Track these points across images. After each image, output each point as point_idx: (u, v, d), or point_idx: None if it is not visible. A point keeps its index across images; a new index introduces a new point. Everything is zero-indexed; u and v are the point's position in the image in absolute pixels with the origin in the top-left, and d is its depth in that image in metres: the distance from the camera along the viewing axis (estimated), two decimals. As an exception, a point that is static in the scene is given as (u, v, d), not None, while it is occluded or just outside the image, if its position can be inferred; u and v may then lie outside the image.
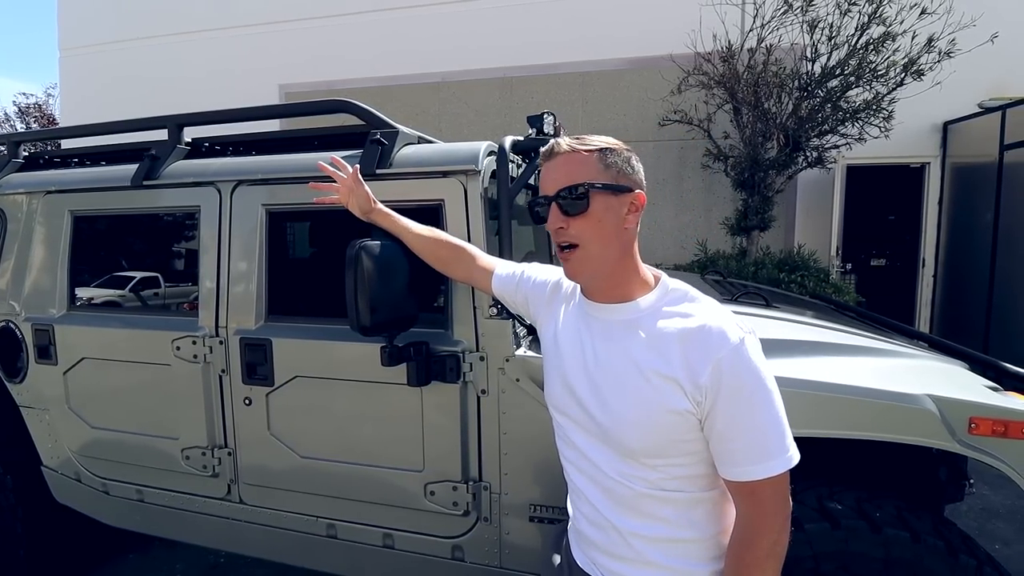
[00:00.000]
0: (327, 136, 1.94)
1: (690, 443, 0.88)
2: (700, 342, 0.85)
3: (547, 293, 1.10)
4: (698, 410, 0.85)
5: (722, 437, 0.84)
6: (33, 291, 2.09)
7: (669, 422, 0.86)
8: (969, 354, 1.83)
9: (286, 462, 1.77)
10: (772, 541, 0.85)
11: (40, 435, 2.15)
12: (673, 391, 0.85)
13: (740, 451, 0.84)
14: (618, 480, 0.92)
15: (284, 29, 6.96)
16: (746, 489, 0.85)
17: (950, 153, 5.38)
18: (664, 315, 0.90)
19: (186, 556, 2.65)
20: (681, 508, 0.90)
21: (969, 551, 1.30)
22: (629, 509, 0.92)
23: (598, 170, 0.89)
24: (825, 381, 1.37)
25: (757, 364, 0.84)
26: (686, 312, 0.89)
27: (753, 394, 0.83)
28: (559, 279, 1.10)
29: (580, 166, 0.89)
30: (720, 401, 0.83)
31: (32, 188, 2.11)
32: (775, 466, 0.83)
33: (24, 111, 13.77)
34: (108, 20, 7.69)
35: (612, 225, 0.89)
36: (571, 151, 0.90)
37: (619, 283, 0.93)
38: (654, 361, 0.87)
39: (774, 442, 0.83)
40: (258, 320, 1.77)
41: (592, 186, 0.88)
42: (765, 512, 0.85)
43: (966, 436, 1.32)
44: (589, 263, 0.91)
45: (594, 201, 0.88)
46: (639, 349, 0.89)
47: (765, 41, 4.57)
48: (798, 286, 4.28)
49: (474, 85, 6.35)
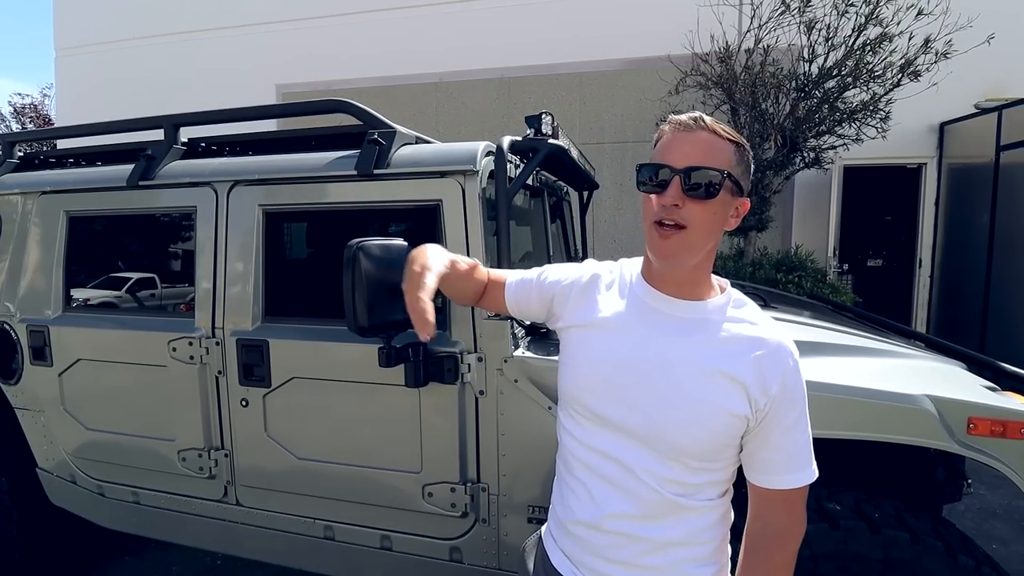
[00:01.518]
0: (324, 136, 1.93)
1: (732, 448, 0.89)
2: (773, 353, 0.86)
3: (580, 286, 1.01)
4: (754, 417, 0.86)
5: (773, 447, 0.87)
6: (28, 292, 2.07)
7: (725, 424, 0.85)
8: (967, 354, 1.83)
9: (283, 464, 1.76)
10: (797, 546, 0.90)
11: (35, 437, 2.14)
12: (736, 393, 0.85)
13: (784, 460, 0.87)
14: (645, 481, 0.88)
15: (281, 29, 6.95)
16: (781, 496, 0.88)
17: (947, 154, 5.40)
18: (732, 319, 0.89)
19: (182, 558, 2.63)
20: (699, 514, 0.90)
21: (968, 551, 1.31)
22: (652, 515, 0.89)
23: (731, 162, 0.85)
24: (823, 382, 1.37)
25: (804, 381, 0.89)
26: (753, 320, 0.90)
27: (804, 408, 0.88)
28: (591, 271, 1.02)
29: (720, 152, 0.84)
30: (780, 412, 0.86)
31: (27, 188, 2.10)
32: (809, 475, 0.88)
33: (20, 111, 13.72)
34: (104, 20, 7.66)
35: (720, 220, 0.86)
36: (714, 132, 0.85)
37: (697, 280, 0.90)
38: (722, 361, 0.85)
39: (809, 453, 0.89)
40: (255, 321, 1.76)
41: (730, 176, 0.84)
42: (797, 518, 0.89)
43: (965, 436, 1.32)
44: (690, 249, 0.85)
45: (722, 191, 0.84)
46: (707, 348, 0.87)
47: (762, 42, 4.58)
48: (795, 286, 4.29)
49: (472, 85, 6.35)
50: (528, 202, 2.29)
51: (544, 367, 1.51)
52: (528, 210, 2.31)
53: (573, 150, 2.18)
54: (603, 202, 5.92)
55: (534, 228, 2.39)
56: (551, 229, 2.50)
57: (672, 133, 0.87)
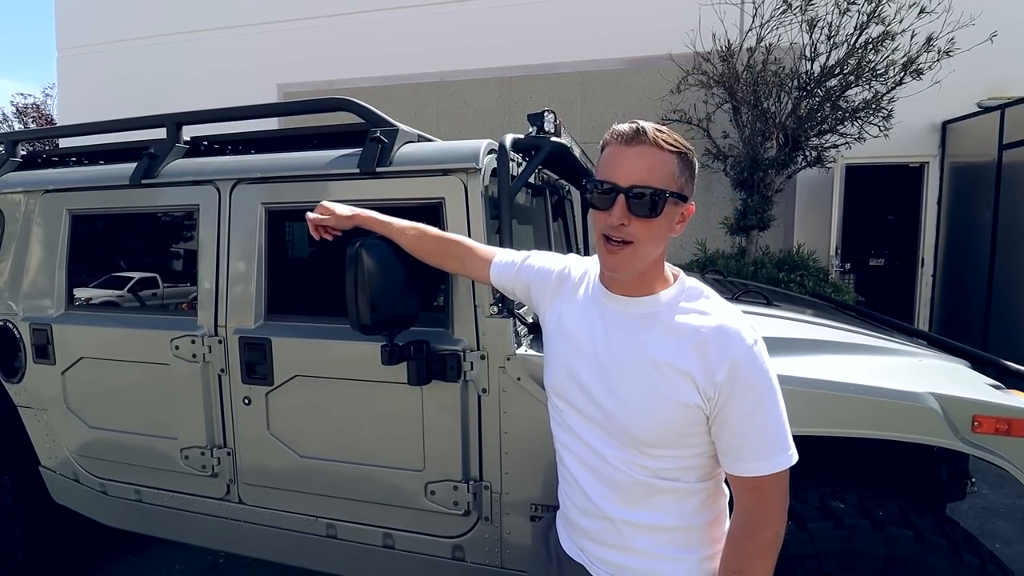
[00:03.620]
0: (327, 135, 1.93)
1: (693, 436, 0.90)
2: (718, 340, 0.86)
3: (552, 280, 1.09)
4: (707, 406, 0.87)
5: (733, 434, 0.87)
6: (31, 290, 2.07)
7: (677, 415, 0.88)
8: (970, 352, 1.82)
9: (286, 462, 1.76)
10: (774, 533, 0.88)
11: (38, 435, 2.14)
12: (685, 385, 0.87)
13: (749, 447, 0.86)
14: (617, 467, 0.93)
15: (283, 29, 6.95)
16: (751, 484, 0.88)
17: (949, 152, 5.39)
18: (682, 311, 0.91)
19: (185, 556, 2.64)
20: (675, 497, 0.92)
21: (972, 550, 1.30)
22: (623, 497, 0.94)
23: (674, 174, 0.86)
24: (827, 379, 1.36)
25: (768, 365, 0.87)
26: (703, 310, 0.90)
27: (764, 394, 0.86)
28: (565, 267, 1.10)
29: (661, 167, 0.85)
30: (734, 399, 0.85)
31: (30, 187, 2.10)
32: (780, 462, 0.86)
33: (22, 111, 13.74)
34: (106, 20, 7.67)
35: (666, 231, 0.89)
36: (655, 145, 0.85)
37: (646, 280, 0.93)
38: (669, 354, 0.88)
39: (779, 439, 0.87)
40: (257, 319, 1.76)
41: (671, 194, 0.85)
42: (769, 505, 0.88)
43: (969, 434, 1.32)
44: (636, 261, 0.89)
45: (666, 208, 0.86)
46: (654, 341, 0.90)
47: (764, 40, 4.58)
48: (797, 286, 4.29)
49: (473, 85, 6.35)
50: (530, 200, 2.29)
51: (547, 365, 1.51)
52: (530, 208, 2.30)
53: (575, 148, 2.17)
54: (605, 201, 5.91)
55: (536, 226, 2.38)
56: (553, 227, 2.50)
57: (615, 146, 0.88)
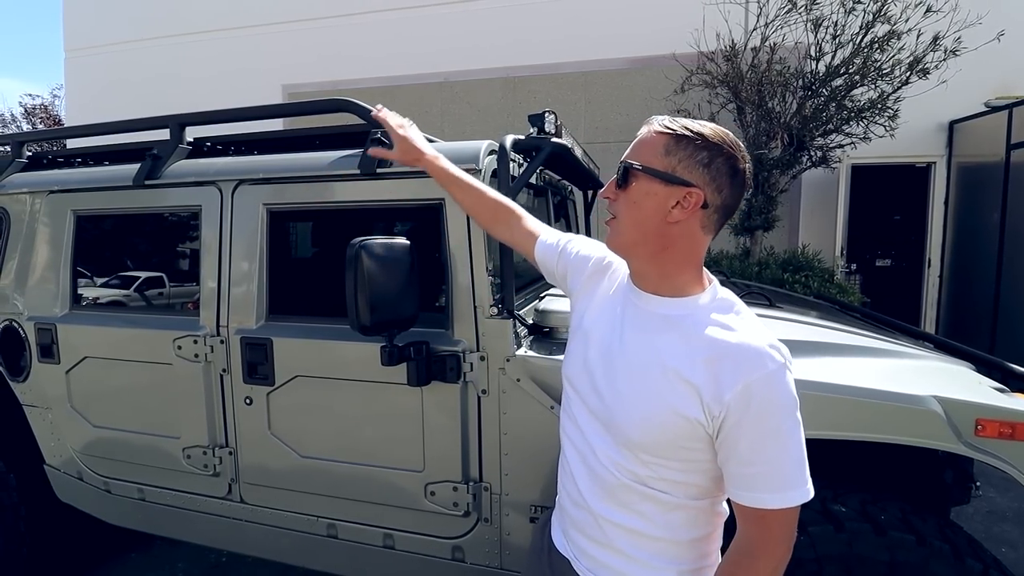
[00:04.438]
0: (328, 135, 1.94)
1: (691, 451, 0.86)
2: (734, 359, 0.82)
3: (589, 267, 1.09)
4: (710, 424, 0.83)
5: (742, 460, 0.82)
6: (36, 290, 2.09)
7: (674, 424, 0.84)
8: (975, 355, 1.81)
9: (287, 462, 1.77)
10: (772, 568, 0.84)
11: (43, 434, 2.16)
12: (688, 396, 0.83)
13: (758, 477, 0.81)
14: (606, 466, 0.92)
15: (287, 30, 6.98)
16: (756, 514, 0.83)
17: (956, 152, 5.35)
18: (706, 321, 0.86)
19: (188, 555, 2.65)
20: (661, 508, 0.90)
21: (975, 555, 1.29)
22: (609, 495, 0.93)
23: (656, 154, 0.86)
24: (829, 382, 1.35)
25: (790, 394, 0.82)
26: (728, 324, 0.86)
27: (782, 423, 0.81)
28: (603, 257, 1.09)
29: (644, 145, 0.88)
30: (745, 424, 0.80)
31: (35, 188, 2.12)
32: (792, 497, 0.81)
33: (30, 112, 13.86)
34: (113, 21, 7.72)
35: (650, 212, 0.86)
36: (648, 129, 0.89)
37: (665, 276, 0.90)
38: (679, 362, 0.85)
39: (793, 474, 0.82)
40: (259, 319, 1.77)
41: (632, 166, 0.87)
42: (771, 539, 0.83)
43: (972, 438, 1.30)
44: (618, 239, 0.92)
45: (635, 182, 0.87)
46: (668, 346, 0.87)
47: (769, 40, 4.55)
48: (802, 286, 4.26)
49: (477, 85, 6.35)
50: (532, 201, 2.29)
51: (546, 366, 1.51)
52: (532, 209, 2.29)
53: (576, 149, 2.17)
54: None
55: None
56: (555, 228, 2.49)
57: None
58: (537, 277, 2.27)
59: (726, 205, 0.87)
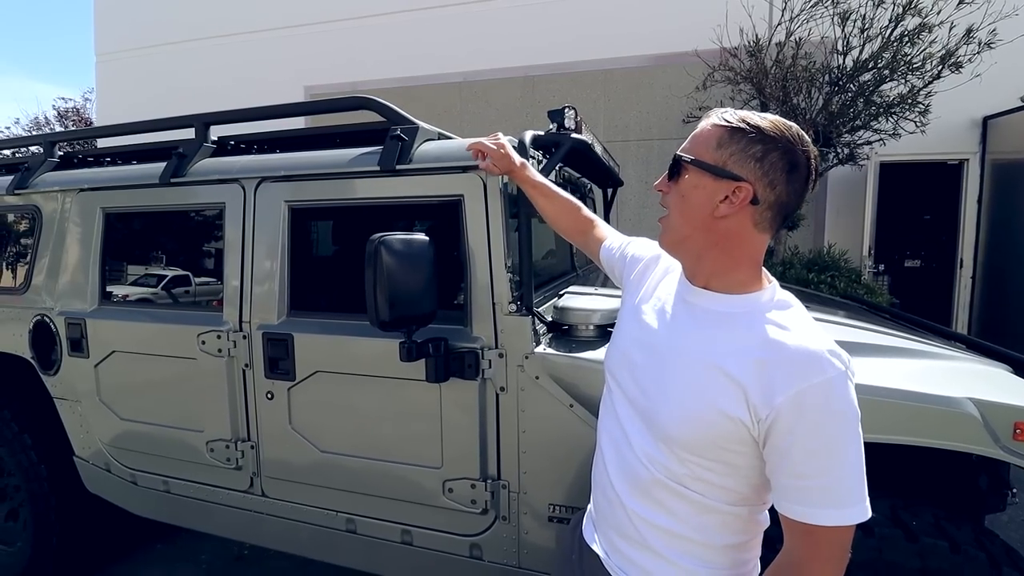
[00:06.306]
0: (348, 133, 1.95)
1: (733, 455, 0.82)
2: (790, 362, 0.77)
3: (640, 266, 1.10)
4: (755, 427, 0.78)
5: (794, 472, 0.77)
6: (66, 286, 2.15)
7: (715, 422, 0.81)
8: (1011, 356, 1.74)
9: (307, 456, 1.78)
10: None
11: (72, 426, 2.22)
12: (733, 394, 0.79)
13: (811, 491, 0.76)
14: (642, 460, 0.90)
15: (309, 32, 7.08)
16: (803, 529, 0.77)
17: (990, 149, 5.17)
18: (761, 320, 0.82)
19: (211, 547, 2.70)
20: (694, 509, 0.87)
21: (1013, 564, 1.24)
22: (641, 491, 0.91)
23: (709, 147, 0.84)
24: (859, 383, 1.31)
25: (850, 404, 0.77)
26: (786, 325, 0.81)
27: (840, 434, 0.76)
28: (656, 255, 1.09)
29: (699, 138, 0.87)
30: (797, 433, 0.75)
31: (66, 186, 2.18)
32: (848, 515, 0.75)
33: (63, 115, 14.29)
34: (142, 26, 7.94)
35: (699, 206, 0.84)
36: (706, 122, 0.88)
37: (717, 272, 0.87)
38: (727, 359, 0.81)
39: (847, 491, 0.76)
40: (280, 315, 1.79)
41: (682, 159, 0.86)
42: (819, 557, 0.77)
43: (1010, 442, 1.25)
44: (668, 234, 0.91)
45: (686, 175, 0.86)
46: (718, 342, 0.84)
47: (794, 35, 4.46)
48: (828, 287, 4.17)
49: (496, 84, 6.35)
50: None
51: (566, 364, 1.49)
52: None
53: (597, 145, 2.15)
54: (628, 200, 5.86)
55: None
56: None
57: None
58: (557, 275, 2.25)
59: (781, 202, 0.82)
